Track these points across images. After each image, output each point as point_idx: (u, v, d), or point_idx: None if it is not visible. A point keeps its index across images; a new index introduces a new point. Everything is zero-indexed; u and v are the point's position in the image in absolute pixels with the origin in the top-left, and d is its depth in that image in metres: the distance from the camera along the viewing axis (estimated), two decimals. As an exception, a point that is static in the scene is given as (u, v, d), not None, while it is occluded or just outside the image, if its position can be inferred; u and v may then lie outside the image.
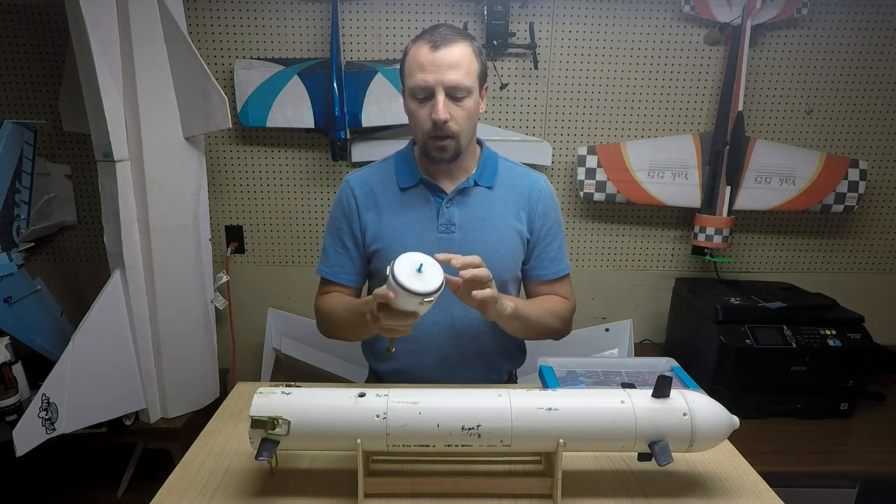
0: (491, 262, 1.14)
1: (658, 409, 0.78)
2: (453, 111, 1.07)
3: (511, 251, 1.20)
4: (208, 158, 1.93)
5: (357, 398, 0.79)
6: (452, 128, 1.08)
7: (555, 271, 1.25)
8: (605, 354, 2.02)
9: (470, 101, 1.08)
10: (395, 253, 1.16)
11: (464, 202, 1.18)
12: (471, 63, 1.07)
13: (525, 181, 1.23)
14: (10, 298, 1.62)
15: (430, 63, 1.04)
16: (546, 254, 1.24)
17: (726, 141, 1.88)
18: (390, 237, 1.19)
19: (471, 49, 1.08)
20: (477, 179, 1.19)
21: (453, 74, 1.04)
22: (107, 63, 1.47)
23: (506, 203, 1.20)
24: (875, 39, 1.94)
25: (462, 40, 1.07)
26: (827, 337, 1.58)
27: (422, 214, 1.18)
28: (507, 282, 1.21)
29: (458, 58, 1.05)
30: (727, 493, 0.84)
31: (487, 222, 1.18)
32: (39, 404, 1.41)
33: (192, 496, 0.83)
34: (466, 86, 1.06)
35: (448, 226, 1.17)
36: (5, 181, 1.62)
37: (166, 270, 1.62)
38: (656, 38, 1.94)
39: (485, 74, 1.13)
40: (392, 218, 1.19)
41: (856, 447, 1.53)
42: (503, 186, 1.21)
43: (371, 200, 1.21)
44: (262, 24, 1.90)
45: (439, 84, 1.05)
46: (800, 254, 2.14)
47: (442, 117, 1.05)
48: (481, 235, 1.17)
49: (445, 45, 1.04)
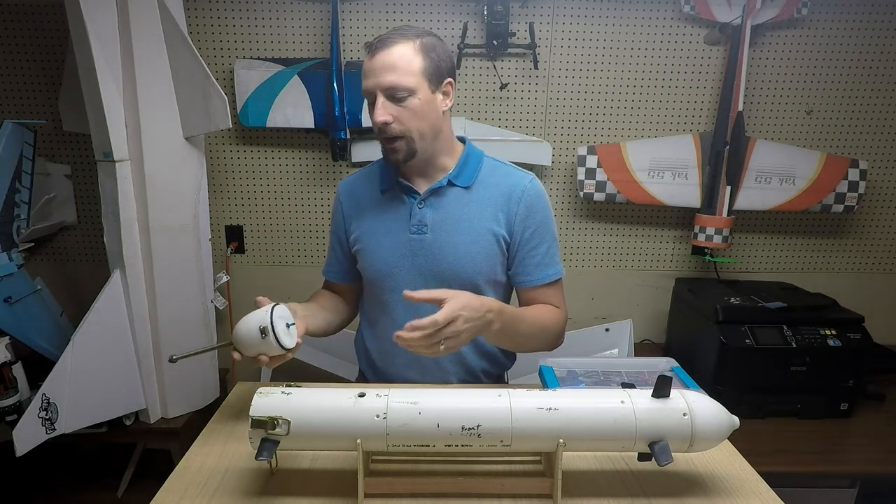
0: (462, 265, 1.15)
1: (658, 409, 0.78)
2: (396, 112, 1.06)
3: (485, 254, 1.15)
4: (208, 158, 1.93)
5: (357, 398, 0.79)
6: (396, 129, 1.07)
7: (540, 277, 1.18)
8: (605, 354, 2.02)
9: (414, 100, 1.06)
10: (372, 253, 1.20)
11: (437, 203, 1.16)
12: (410, 62, 1.04)
13: (507, 181, 1.18)
14: (10, 298, 1.62)
15: (369, 69, 1.06)
16: (530, 258, 1.18)
17: (726, 141, 1.88)
18: (367, 238, 1.20)
19: (412, 47, 1.05)
20: (452, 179, 1.16)
21: (389, 76, 1.03)
22: (107, 63, 1.47)
23: (482, 204, 1.16)
24: (875, 39, 1.94)
25: (403, 41, 1.05)
26: (827, 337, 1.59)
27: (396, 216, 1.18)
28: (481, 286, 1.17)
29: (395, 59, 1.03)
30: (727, 493, 0.84)
31: (461, 223, 1.15)
32: (39, 404, 1.41)
33: (192, 496, 0.83)
34: (406, 85, 1.04)
35: (420, 227, 1.15)
36: (5, 181, 1.62)
37: (166, 270, 1.62)
38: (656, 38, 1.94)
39: (438, 69, 1.08)
40: (370, 220, 1.20)
41: (856, 447, 1.53)
42: (483, 186, 1.17)
43: (355, 204, 1.23)
44: (262, 24, 1.90)
45: (377, 88, 1.05)
46: (800, 254, 2.14)
47: (379, 119, 1.05)
48: (452, 237, 1.15)
49: (382, 49, 1.04)
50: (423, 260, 1.16)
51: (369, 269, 1.21)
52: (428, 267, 1.16)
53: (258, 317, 0.93)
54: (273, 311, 0.93)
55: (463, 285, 1.14)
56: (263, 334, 0.91)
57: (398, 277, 1.17)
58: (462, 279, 1.15)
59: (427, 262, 1.16)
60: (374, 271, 1.20)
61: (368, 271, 1.21)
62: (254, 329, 0.91)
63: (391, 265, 1.18)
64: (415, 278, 1.16)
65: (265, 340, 0.91)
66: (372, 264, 1.20)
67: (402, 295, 1.16)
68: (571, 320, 2.18)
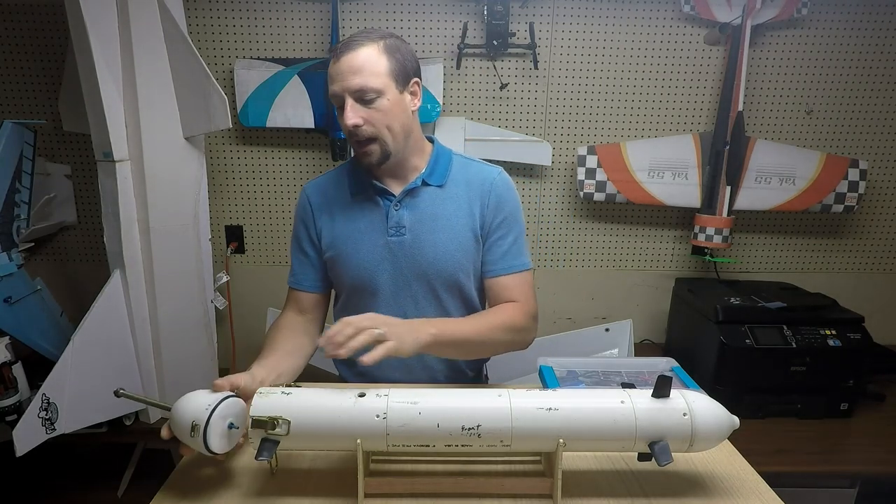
0: (443, 263, 1.14)
1: (658, 409, 0.78)
2: (366, 114, 1.05)
3: (464, 250, 1.16)
4: (208, 158, 1.93)
5: (357, 398, 0.79)
6: (368, 131, 1.06)
7: (505, 266, 1.17)
8: (605, 354, 2.01)
9: (383, 101, 1.05)
10: (350, 259, 1.17)
11: (413, 203, 1.15)
12: (376, 63, 1.04)
13: (478, 176, 1.18)
14: (10, 298, 1.62)
15: (336, 73, 1.05)
16: (497, 247, 1.17)
17: (726, 141, 1.88)
18: (342, 244, 1.17)
19: (376, 49, 1.05)
20: (425, 179, 1.16)
21: (356, 79, 1.03)
22: (107, 63, 1.47)
23: (458, 200, 1.16)
24: (875, 39, 1.94)
25: (368, 43, 1.05)
26: (827, 337, 1.59)
27: (372, 219, 1.16)
28: (462, 281, 1.17)
29: (361, 61, 1.03)
30: (727, 493, 0.84)
31: (438, 221, 1.15)
32: (39, 404, 1.41)
33: (192, 496, 0.83)
34: (373, 87, 1.04)
35: (398, 228, 1.15)
36: (5, 181, 1.62)
37: (166, 270, 1.62)
38: (656, 38, 1.94)
39: (404, 69, 1.07)
40: (344, 224, 1.18)
41: (856, 447, 1.53)
42: (456, 184, 1.17)
43: (325, 207, 1.20)
44: (262, 24, 1.91)
45: (345, 91, 1.04)
46: (800, 254, 2.14)
47: (349, 122, 1.04)
48: (431, 236, 1.14)
49: (346, 53, 1.04)
50: (403, 261, 1.15)
51: (348, 275, 1.18)
52: (409, 268, 1.15)
53: (197, 409, 0.79)
54: (215, 410, 0.79)
55: (445, 282, 1.16)
56: (193, 432, 0.78)
57: (379, 281, 1.17)
58: (444, 277, 1.15)
59: (408, 263, 1.15)
60: (354, 277, 1.17)
61: (347, 278, 1.19)
62: (187, 420, 0.79)
63: (371, 270, 1.16)
64: (397, 280, 1.16)
65: (193, 438, 0.79)
66: (351, 270, 1.17)
67: (384, 298, 1.17)
68: (571, 320, 2.18)
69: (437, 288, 1.16)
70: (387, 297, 1.17)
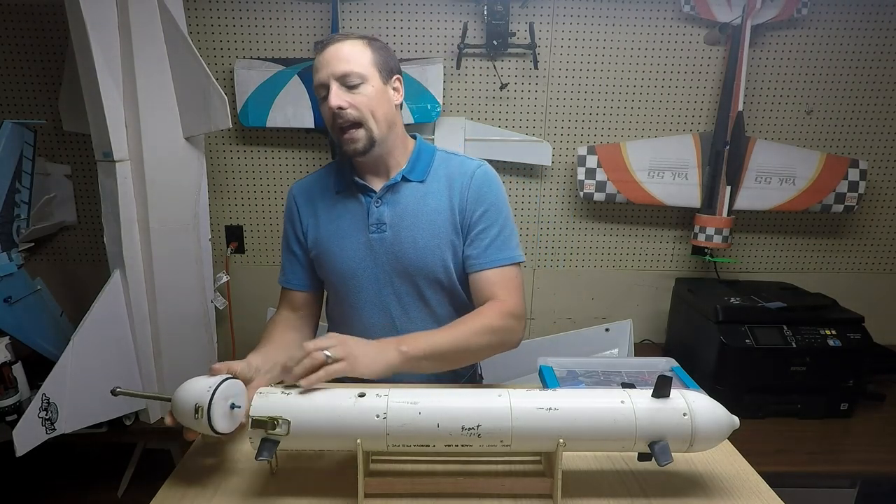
0: (424, 259, 1.14)
1: (658, 409, 0.78)
2: (351, 98, 1.07)
3: (446, 246, 1.14)
4: (208, 158, 1.93)
5: (357, 398, 0.79)
6: (353, 114, 1.07)
7: (487, 261, 1.13)
8: (605, 354, 2.01)
9: (368, 88, 1.07)
10: (333, 256, 1.17)
11: (394, 200, 1.15)
12: (361, 53, 1.07)
13: (459, 169, 1.17)
14: (10, 298, 1.62)
15: (320, 62, 1.08)
16: (479, 241, 1.14)
17: (726, 141, 1.88)
18: (325, 241, 1.18)
19: (360, 43, 1.09)
20: (406, 175, 1.15)
21: (341, 65, 1.06)
22: (107, 63, 1.47)
23: (439, 196, 1.15)
24: (875, 39, 1.94)
25: (352, 38, 1.08)
26: (827, 337, 1.59)
27: (353, 216, 1.17)
28: (444, 279, 1.16)
29: (347, 51, 1.07)
30: (727, 493, 0.84)
31: (419, 218, 1.14)
32: (39, 404, 1.41)
33: (192, 496, 0.83)
34: (358, 72, 1.06)
35: (379, 225, 1.15)
36: (5, 181, 1.62)
37: (166, 270, 1.62)
38: (656, 38, 1.94)
39: (387, 64, 1.11)
40: (327, 222, 1.19)
41: (856, 447, 1.53)
42: (437, 179, 1.17)
43: (310, 206, 1.21)
44: (262, 24, 1.91)
45: (330, 77, 1.06)
46: (800, 254, 2.14)
47: (334, 103, 1.05)
48: (412, 232, 1.13)
49: (332, 44, 1.07)
50: (385, 258, 1.15)
51: (332, 273, 1.19)
52: (391, 265, 1.15)
53: (198, 391, 0.82)
54: (217, 390, 0.81)
55: (427, 279, 1.15)
56: (197, 414, 0.80)
57: (362, 278, 1.17)
58: (425, 273, 1.15)
59: (389, 259, 1.15)
60: (338, 275, 1.18)
61: (331, 275, 1.19)
62: (189, 403, 0.81)
63: (354, 267, 1.16)
64: (379, 277, 1.16)
65: (197, 420, 0.81)
66: (334, 268, 1.18)
67: (368, 296, 1.17)
68: (571, 320, 2.18)
69: (420, 285, 1.16)
70: (370, 294, 1.17)
